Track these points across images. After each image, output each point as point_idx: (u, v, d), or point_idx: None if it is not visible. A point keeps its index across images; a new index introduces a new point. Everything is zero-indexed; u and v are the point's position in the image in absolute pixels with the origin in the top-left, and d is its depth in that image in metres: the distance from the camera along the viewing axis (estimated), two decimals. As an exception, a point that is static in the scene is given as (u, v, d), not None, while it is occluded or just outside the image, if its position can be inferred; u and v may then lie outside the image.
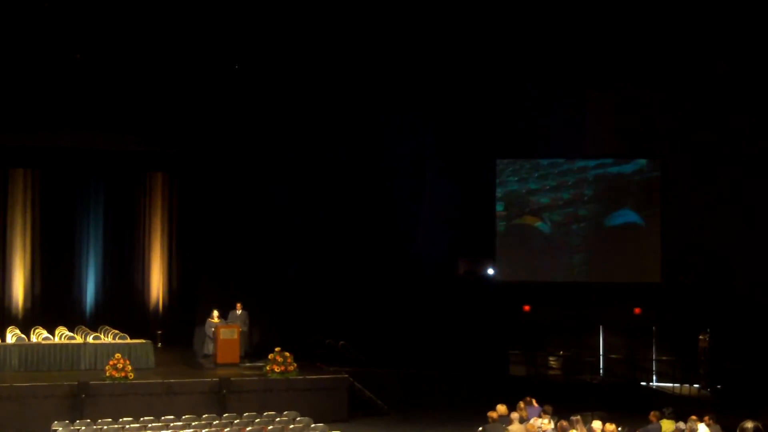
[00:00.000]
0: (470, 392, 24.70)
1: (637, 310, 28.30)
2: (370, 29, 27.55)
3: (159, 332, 28.42)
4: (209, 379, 23.25)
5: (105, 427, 18.75)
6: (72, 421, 19.09)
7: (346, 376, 24.37)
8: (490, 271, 31.20)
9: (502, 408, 19.20)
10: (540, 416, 18.64)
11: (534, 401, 19.92)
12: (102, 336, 26.58)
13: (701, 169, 28.02)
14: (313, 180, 29.80)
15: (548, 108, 29.05)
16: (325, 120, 29.32)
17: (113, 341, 25.71)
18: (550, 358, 30.31)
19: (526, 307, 30.39)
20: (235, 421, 19.50)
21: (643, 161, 29.37)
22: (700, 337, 26.82)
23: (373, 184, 29.66)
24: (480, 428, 18.64)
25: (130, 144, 29.54)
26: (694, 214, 28.06)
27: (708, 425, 17.45)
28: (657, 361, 28.44)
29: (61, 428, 18.35)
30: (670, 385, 27.37)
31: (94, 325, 28.05)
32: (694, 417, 17.48)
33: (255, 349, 26.06)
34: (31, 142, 28.77)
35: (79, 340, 25.80)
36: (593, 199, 29.76)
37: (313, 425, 19.26)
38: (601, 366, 29.53)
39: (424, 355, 27.98)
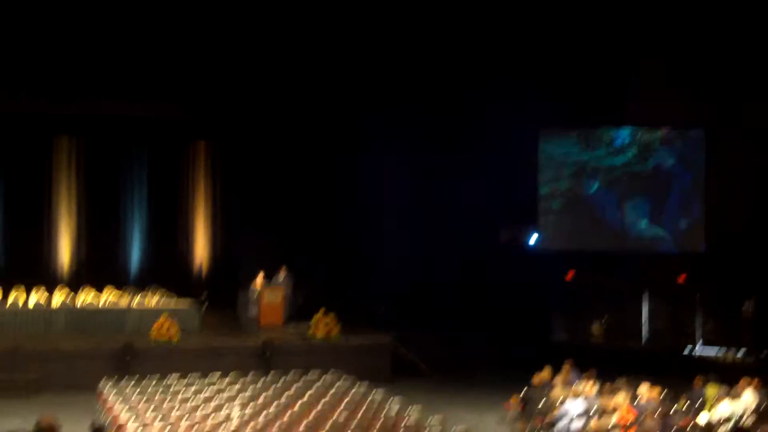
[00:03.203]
0: (513, 357, 24.66)
1: (682, 277, 28.07)
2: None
3: (204, 295, 28.59)
4: (253, 342, 23.43)
5: (151, 385, 18.96)
6: (118, 380, 19.32)
7: (389, 338, 24.47)
8: (533, 240, 31.09)
9: (545, 372, 19.22)
10: (583, 381, 18.61)
11: (573, 366, 19.89)
12: (149, 296, 26.76)
13: (749, 139, 27.65)
14: (354, 144, 29.75)
15: (594, 75, 28.77)
16: (363, 85, 29.18)
17: (157, 305, 25.89)
18: (593, 325, 30.18)
19: (570, 274, 30.28)
20: (280, 380, 19.64)
21: (690, 130, 29.07)
22: (745, 303, 26.59)
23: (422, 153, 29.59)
24: (524, 391, 18.68)
25: (174, 112, 29.73)
26: (739, 182, 27.74)
27: (754, 391, 17.36)
28: (701, 328, 28.25)
29: (108, 385, 18.59)
30: (714, 352, 27.19)
31: (140, 286, 28.29)
32: (743, 382, 17.40)
33: (299, 312, 26.15)
34: (76, 110, 29.00)
35: (124, 302, 26.06)
36: (637, 167, 29.50)
37: (356, 385, 19.36)
38: (644, 333, 29.38)
39: (468, 321, 27.99)
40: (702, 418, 16.62)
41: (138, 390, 18.43)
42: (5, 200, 29.75)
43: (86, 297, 26.13)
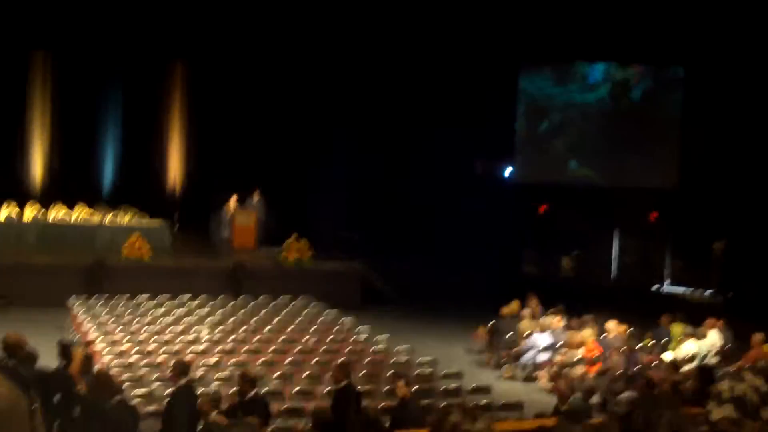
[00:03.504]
0: (483, 289, 24.82)
1: (653, 215, 28.23)
2: None
3: (176, 215, 28.49)
4: (225, 264, 23.44)
5: (121, 303, 18.98)
6: (88, 297, 19.31)
7: (360, 265, 24.54)
8: (507, 172, 31.16)
9: (514, 305, 19.40)
10: (550, 315, 18.79)
11: (538, 300, 19.99)
12: (120, 214, 26.69)
13: (724, 76, 27.58)
14: (333, 67, 29.50)
15: (570, 11, 28.54)
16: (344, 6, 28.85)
17: (130, 222, 25.84)
18: (564, 259, 30.38)
19: (542, 208, 30.40)
20: (250, 303, 19.70)
21: (667, 67, 29.05)
22: (715, 244, 26.78)
23: (396, 80, 29.40)
24: (491, 322, 18.85)
25: (151, 31, 29.29)
26: (715, 122, 27.75)
27: (719, 331, 17.56)
28: (670, 266, 28.47)
29: (77, 302, 18.59)
30: (683, 290, 27.45)
31: (112, 204, 28.13)
32: (708, 322, 17.59)
33: (271, 236, 26.14)
34: (53, 25, 28.53)
35: (96, 219, 25.97)
36: (615, 103, 29.51)
37: (326, 311, 19.45)
38: (614, 269, 29.61)
39: (439, 251, 28.09)
40: (667, 356, 16.82)
41: (108, 308, 18.45)
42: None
43: (57, 214, 26.00)
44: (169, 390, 11.56)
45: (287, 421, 12.15)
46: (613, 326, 17.46)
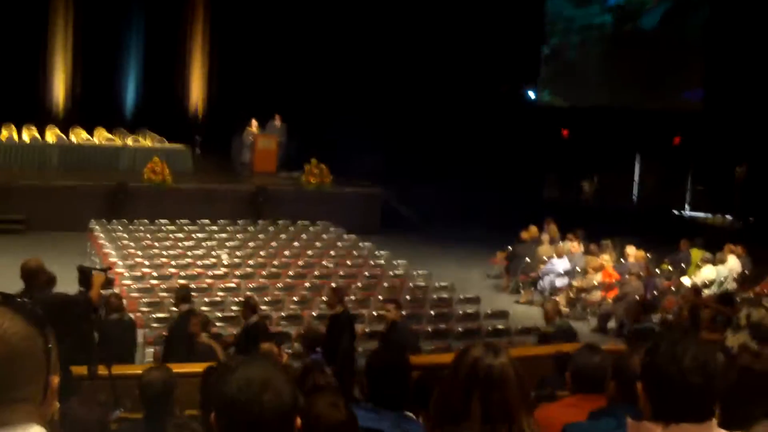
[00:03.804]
0: (503, 212, 24.79)
1: (676, 139, 27.98)
2: None
3: (198, 138, 28.48)
4: (246, 187, 23.50)
5: (142, 228, 19.10)
6: (109, 221, 19.43)
7: (380, 190, 24.55)
8: (531, 95, 30.97)
9: (533, 229, 19.41)
10: (569, 239, 18.81)
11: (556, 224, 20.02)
12: (141, 139, 26.79)
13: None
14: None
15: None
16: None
17: (152, 145, 25.93)
18: (585, 183, 30.30)
19: (565, 132, 30.23)
20: (270, 228, 19.81)
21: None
22: (737, 168, 26.61)
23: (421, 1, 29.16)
24: (510, 247, 18.89)
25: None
26: (739, 43, 27.33)
27: (738, 256, 17.56)
28: (691, 190, 28.34)
29: (98, 226, 18.71)
30: (703, 214, 27.36)
31: (133, 129, 28.23)
32: (727, 247, 17.57)
33: (292, 160, 26.15)
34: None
35: (118, 142, 26.05)
36: (642, 25, 29.14)
37: (345, 236, 19.54)
38: (635, 193, 29.51)
39: (460, 175, 28.01)
40: (685, 281, 16.84)
41: (128, 232, 18.58)
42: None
43: (78, 138, 26.08)
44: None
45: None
46: (631, 251, 17.48)
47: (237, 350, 10.92)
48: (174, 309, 12.23)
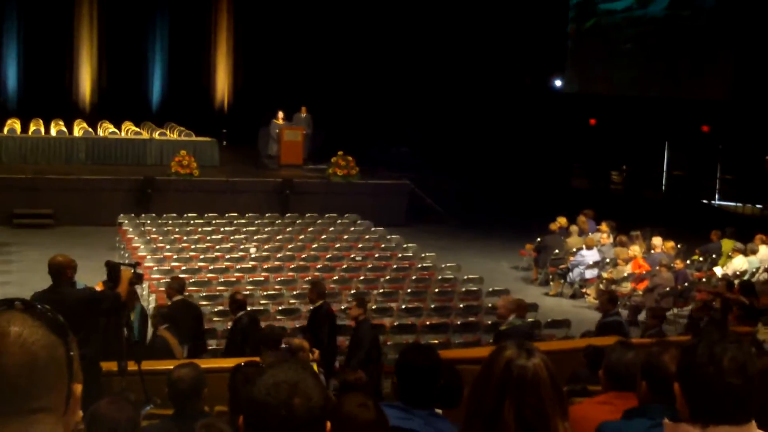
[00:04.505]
0: (531, 203, 24.70)
1: (705, 128, 27.72)
2: None
3: (224, 131, 28.51)
4: (272, 179, 23.50)
5: (170, 222, 19.14)
6: (138, 215, 19.48)
7: (407, 182, 24.48)
8: (558, 84, 30.79)
9: (562, 220, 19.28)
10: (598, 231, 18.69)
11: (593, 214, 19.96)
12: (168, 132, 26.86)
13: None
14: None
15: None
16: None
17: (179, 138, 25.98)
18: (613, 173, 30.12)
19: (593, 121, 30.03)
20: (297, 221, 19.80)
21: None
22: (767, 157, 26.36)
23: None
24: (539, 238, 18.77)
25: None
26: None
27: (769, 246, 17.38)
28: (721, 179, 28.10)
29: (127, 221, 18.76)
30: (733, 204, 27.13)
31: (159, 122, 28.31)
32: (759, 237, 17.40)
33: (318, 152, 26.14)
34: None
35: (145, 135, 26.12)
36: (666, 13, 28.88)
37: (373, 228, 19.50)
38: (664, 182, 29.29)
39: (487, 166, 27.93)
40: (716, 272, 16.69)
41: (157, 225, 18.62)
42: (26, 33, 29.54)
43: (105, 132, 26.19)
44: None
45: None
46: (659, 242, 17.32)
47: (228, 345, 10.88)
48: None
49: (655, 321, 11.59)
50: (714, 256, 17.72)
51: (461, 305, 13.88)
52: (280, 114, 25.73)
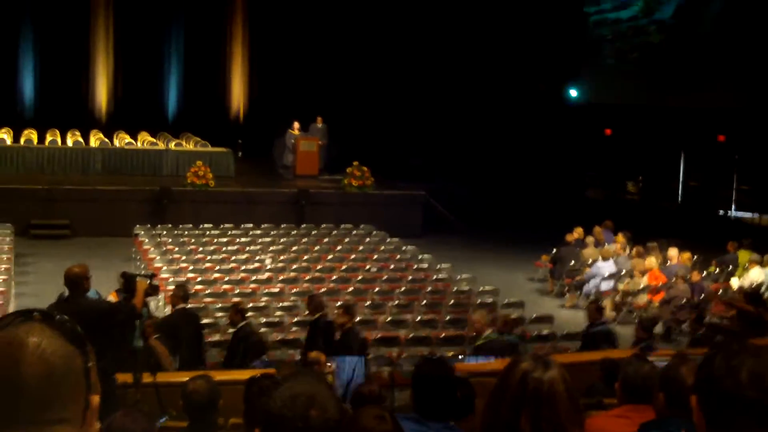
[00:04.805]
0: (546, 214, 24.65)
1: (721, 138, 27.58)
2: None
3: (239, 142, 28.57)
4: (288, 190, 23.53)
5: (186, 232, 19.17)
6: (153, 225, 19.52)
7: (423, 192, 24.48)
8: (573, 94, 30.75)
9: (578, 231, 19.23)
10: (614, 242, 18.64)
11: (612, 225, 19.89)
12: (183, 143, 26.94)
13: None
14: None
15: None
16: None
17: (195, 148, 26.05)
18: (629, 183, 30.03)
19: (608, 131, 29.97)
20: (313, 232, 19.81)
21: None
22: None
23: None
24: (555, 249, 18.72)
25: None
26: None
27: (786, 257, 17.28)
28: (737, 190, 27.94)
29: (142, 231, 18.80)
30: (750, 215, 27.00)
31: (175, 132, 28.40)
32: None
33: (333, 162, 26.16)
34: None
35: (161, 146, 26.19)
36: (681, 22, 28.80)
37: (388, 239, 19.49)
38: (680, 193, 29.17)
39: (502, 176, 27.90)
40: (733, 283, 16.62)
41: (173, 236, 18.66)
42: (42, 44, 29.69)
43: (121, 143, 26.28)
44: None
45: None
46: (675, 253, 17.24)
47: (228, 355, 10.87)
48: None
49: (644, 333, 11.41)
50: (730, 267, 17.64)
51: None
52: (296, 124, 25.77)
